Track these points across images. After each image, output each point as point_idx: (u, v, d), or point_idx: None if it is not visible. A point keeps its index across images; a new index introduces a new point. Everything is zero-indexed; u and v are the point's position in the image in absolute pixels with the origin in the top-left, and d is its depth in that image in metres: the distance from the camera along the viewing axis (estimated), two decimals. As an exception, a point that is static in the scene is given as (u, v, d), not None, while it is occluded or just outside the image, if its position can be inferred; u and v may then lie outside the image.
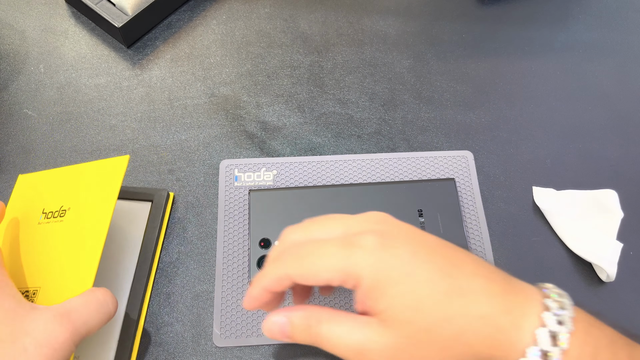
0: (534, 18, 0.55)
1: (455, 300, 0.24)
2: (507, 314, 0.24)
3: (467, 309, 0.24)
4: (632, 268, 0.41)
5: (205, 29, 0.52)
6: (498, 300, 0.25)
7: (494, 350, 0.24)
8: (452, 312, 0.24)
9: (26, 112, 0.47)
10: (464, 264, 0.26)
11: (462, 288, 0.25)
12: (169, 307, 0.39)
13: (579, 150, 0.47)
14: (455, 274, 0.25)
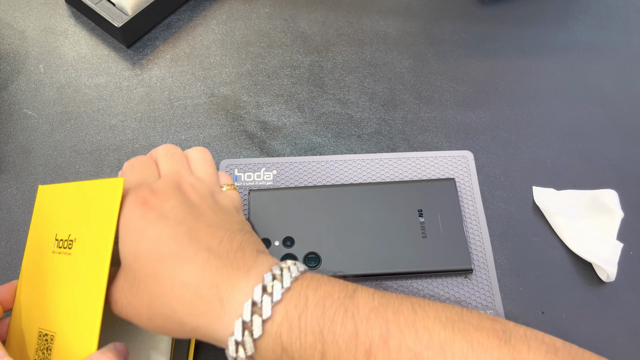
0: (534, 18, 0.55)
1: (167, 264, 0.27)
2: (213, 287, 0.27)
3: (174, 274, 0.27)
4: (633, 268, 0.41)
5: (205, 28, 0.52)
6: (210, 273, 0.27)
7: (197, 319, 0.27)
8: (161, 273, 0.27)
9: (26, 112, 0.47)
10: (207, 238, 0.28)
11: (181, 256, 0.27)
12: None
13: (579, 150, 0.47)
14: (186, 243, 0.28)
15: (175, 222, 0.28)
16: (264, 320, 0.26)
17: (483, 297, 0.39)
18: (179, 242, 0.28)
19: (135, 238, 0.28)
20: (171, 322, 0.27)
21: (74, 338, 0.29)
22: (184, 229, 0.28)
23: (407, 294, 0.32)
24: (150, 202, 0.29)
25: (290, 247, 0.40)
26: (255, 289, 0.26)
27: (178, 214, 0.29)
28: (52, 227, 0.33)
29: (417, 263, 0.39)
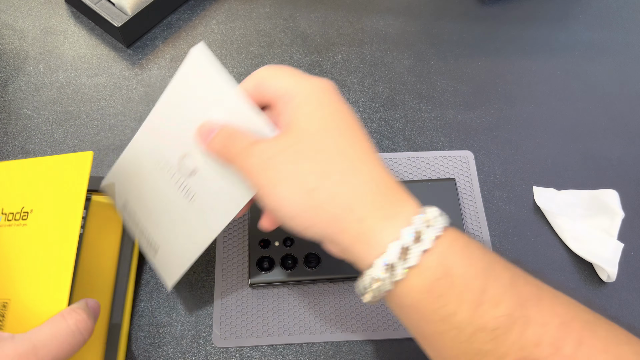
0: (535, 18, 0.54)
1: (359, 151, 0.27)
2: (391, 188, 0.27)
3: (367, 165, 0.27)
4: (633, 268, 0.41)
5: (205, 28, 0.52)
6: (389, 176, 0.27)
7: (371, 210, 0.26)
8: (351, 154, 0.27)
9: (25, 111, 0.47)
10: (370, 166, 0.27)
11: (369, 156, 0.27)
12: (168, 308, 0.39)
13: (579, 150, 0.47)
14: (357, 158, 0.27)
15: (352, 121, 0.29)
16: (409, 266, 0.25)
17: (483, 298, 0.39)
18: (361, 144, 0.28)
19: (326, 114, 0.28)
20: (337, 202, 0.26)
21: (35, 301, 0.30)
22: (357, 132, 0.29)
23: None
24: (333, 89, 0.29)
25: (290, 247, 0.40)
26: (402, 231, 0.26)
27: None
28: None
29: (417, 263, 0.39)
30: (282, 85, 0.29)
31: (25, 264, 0.31)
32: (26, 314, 0.30)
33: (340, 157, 0.27)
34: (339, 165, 0.26)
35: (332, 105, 0.29)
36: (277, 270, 0.39)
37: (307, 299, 0.39)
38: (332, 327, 0.38)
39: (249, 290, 0.39)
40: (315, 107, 0.28)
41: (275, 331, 0.38)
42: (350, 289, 0.39)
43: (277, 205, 0.27)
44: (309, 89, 0.28)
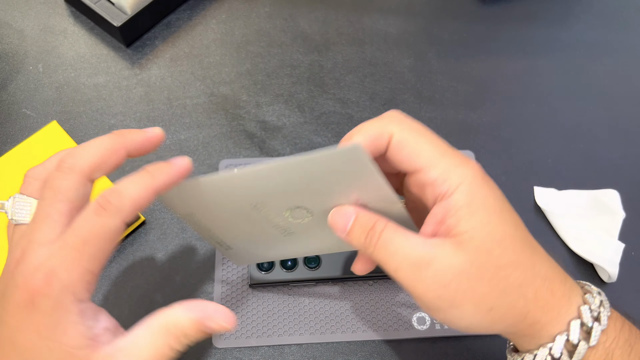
0: (536, 17, 0.54)
1: (528, 251, 0.26)
2: (564, 282, 0.26)
3: (535, 262, 0.26)
4: (634, 269, 0.41)
5: (205, 28, 0.52)
6: (559, 270, 0.27)
7: (542, 313, 0.25)
8: (524, 260, 0.25)
9: (25, 111, 0.47)
10: (540, 268, 0.26)
11: (534, 247, 0.26)
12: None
13: (580, 150, 0.47)
14: (531, 266, 0.26)
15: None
16: (602, 329, 0.25)
17: (484, 298, 0.39)
18: (526, 231, 0.27)
19: (497, 219, 0.25)
20: (512, 314, 0.25)
21: None
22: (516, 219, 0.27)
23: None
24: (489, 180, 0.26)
25: (290, 247, 0.40)
26: (572, 325, 0.25)
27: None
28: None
29: (417, 264, 0.39)
30: (427, 161, 0.26)
31: None
32: None
33: (518, 271, 0.25)
34: (516, 279, 0.25)
35: (505, 209, 0.26)
36: (277, 271, 0.39)
37: (307, 299, 0.39)
38: (332, 327, 0.38)
39: (249, 291, 0.39)
40: (490, 213, 0.25)
41: (276, 332, 0.37)
42: (351, 289, 0.39)
43: (449, 322, 0.26)
44: (471, 181, 0.25)
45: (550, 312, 0.25)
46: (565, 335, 0.25)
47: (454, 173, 0.25)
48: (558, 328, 0.25)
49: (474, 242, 0.24)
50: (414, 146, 0.27)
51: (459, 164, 0.26)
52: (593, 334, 0.25)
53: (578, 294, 0.26)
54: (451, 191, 0.25)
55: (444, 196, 0.25)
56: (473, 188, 0.25)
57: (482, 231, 0.25)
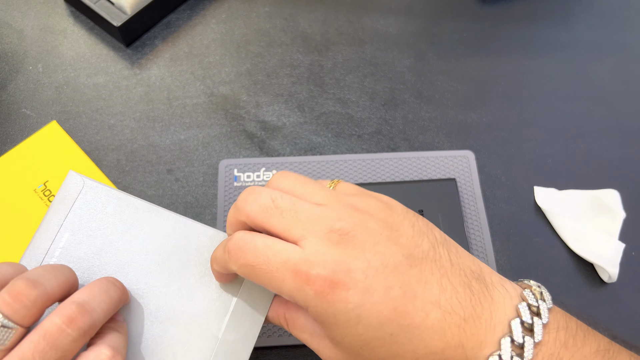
0: (536, 17, 0.54)
1: (403, 342, 0.24)
2: (458, 348, 0.24)
3: (415, 347, 0.24)
4: (634, 269, 0.41)
5: (205, 28, 0.52)
6: (452, 334, 0.24)
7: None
8: (399, 351, 0.24)
9: (25, 111, 0.47)
10: (426, 289, 0.24)
11: (414, 327, 0.23)
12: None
13: (580, 150, 0.46)
14: (410, 309, 0.24)
15: (383, 289, 0.24)
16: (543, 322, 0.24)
17: (484, 298, 0.39)
18: (400, 312, 0.23)
19: (353, 329, 0.24)
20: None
21: None
22: (396, 293, 0.24)
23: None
24: (342, 283, 0.24)
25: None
26: (502, 343, 0.23)
27: (375, 275, 0.24)
28: None
29: (417, 264, 0.39)
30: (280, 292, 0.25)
31: None
32: None
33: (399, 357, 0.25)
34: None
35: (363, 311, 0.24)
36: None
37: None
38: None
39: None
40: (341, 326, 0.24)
41: (276, 332, 0.37)
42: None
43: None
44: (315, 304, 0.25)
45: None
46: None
47: (302, 297, 0.24)
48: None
49: (342, 347, 0.25)
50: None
51: (300, 289, 0.24)
52: (535, 329, 0.24)
53: (486, 347, 0.24)
54: (305, 308, 0.25)
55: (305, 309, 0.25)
56: (322, 310, 0.24)
57: (344, 343, 0.25)
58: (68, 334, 0.23)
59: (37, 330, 0.22)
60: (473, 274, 0.25)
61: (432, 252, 0.25)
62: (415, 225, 0.26)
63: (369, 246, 0.24)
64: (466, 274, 0.25)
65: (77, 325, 0.23)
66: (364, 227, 0.25)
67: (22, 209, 0.40)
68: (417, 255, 0.25)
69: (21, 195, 0.41)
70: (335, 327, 0.24)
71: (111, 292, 0.26)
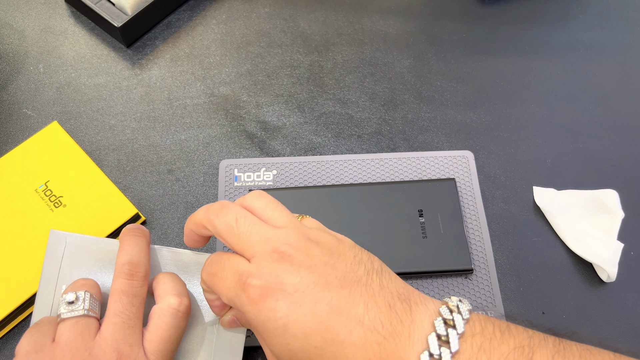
0: (535, 18, 0.54)
1: (327, 355, 0.25)
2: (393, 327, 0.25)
3: (337, 349, 0.25)
4: (633, 268, 0.41)
5: (205, 28, 0.52)
6: (374, 352, 0.25)
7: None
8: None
9: (25, 111, 0.47)
10: (352, 307, 0.26)
11: (337, 342, 0.25)
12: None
13: (579, 150, 0.47)
14: (334, 324, 0.25)
15: (310, 303, 0.26)
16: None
17: (483, 298, 0.39)
18: (324, 325, 0.25)
19: (281, 338, 0.26)
20: None
21: None
22: (322, 308, 0.26)
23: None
24: (273, 293, 0.26)
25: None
26: (421, 358, 0.25)
27: (305, 290, 0.26)
28: None
29: (417, 263, 0.39)
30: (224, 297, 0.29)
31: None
32: None
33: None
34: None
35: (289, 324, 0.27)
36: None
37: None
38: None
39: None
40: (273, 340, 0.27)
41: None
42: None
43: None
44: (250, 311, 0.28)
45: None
46: (427, 352, 0.25)
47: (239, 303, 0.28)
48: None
49: (276, 355, 0.27)
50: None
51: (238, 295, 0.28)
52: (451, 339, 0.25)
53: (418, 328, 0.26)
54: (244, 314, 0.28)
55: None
56: (255, 315, 0.27)
57: (275, 352, 0.27)
58: (135, 284, 0.31)
59: (114, 292, 0.30)
60: (400, 296, 0.27)
61: (365, 278, 0.27)
62: (356, 256, 0.28)
63: (305, 266, 0.27)
64: (393, 296, 0.27)
65: (137, 275, 0.31)
66: (306, 252, 0.27)
67: (23, 209, 0.40)
68: (350, 278, 0.27)
69: (22, 196, 0.41)
70: (266, 335, 0.27)
71: (139, 241, 0.33)
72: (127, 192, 0.43)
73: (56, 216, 0.40)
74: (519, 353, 0.25)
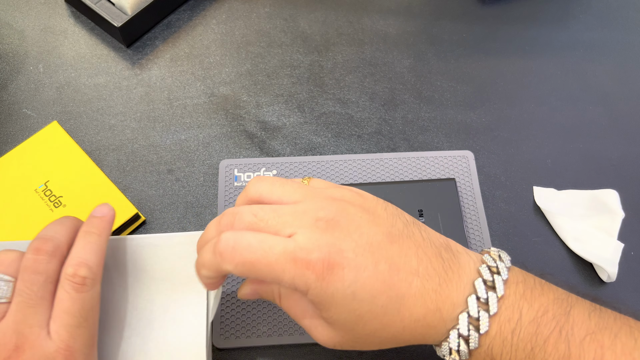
0: (535, 17, 0.54)
1: (391, 312, 0.26)
2: (437, 312, 0.27)
3: (402, 316, 0.26)
4: (633, 268, 0.41)
5: (205, 28, 0.52)
6: (431, 300, 0.27)
7: (425, 339, 0.28)
8: (389, 321, 0.27)
9: (25, 111, 0.47)
10: (406, 261, 0.27)
11: (399, 297, 0.26)
12: (168, 308, 0.39)
13: (579, 150, 0.47)
14: (395, 281, 0.26)
15: (372, 264, 0.26)
16: (480, 334, 0.26)
17: (483, 298, 0.39)
18: (388, 284, 0.26)
19: (349, 305, 0.26)
20: (398, 344, 0.28)
21: None
22: (383, 267, 0.26)
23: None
24: (338, 263, 0.26)
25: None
26: (469, 302, 0.26)
27: (363, 253, 0.26)
28: None
29: (417, 263, 0.39)
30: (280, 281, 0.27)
31: None
32: None
33: (386, 331, 0.27)
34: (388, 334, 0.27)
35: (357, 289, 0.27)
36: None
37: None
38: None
39: (249, 291, 0.39)
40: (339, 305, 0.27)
41: (276, 331, 0.38)
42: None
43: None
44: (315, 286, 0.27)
45: (431, 338, 0.27)
46: (449, 344, 0.27)
47: (300, 282, 0.26)
48: (442, 340, 0.27)
49: (338, 325, 0.27)
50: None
51: (301, 274, 0.26)
52: (497, 285, 0.27)
53: (457, 309, 0.27)
54: (304, 291, 0.27)
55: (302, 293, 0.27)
56: (321, 290, 0.26)
57: (340, 319, 0.27)
58: (40, 259, 0.28)
59: (21, 269, 0.28)
60: (442, 246, 0.28)
61: (406, 230, 0.28)
62: (387, 209, 0.29)
63: (353, 228, 0.27)
64: (436, 246, 0.28)
65: (43, 250, 0.28)
66: (345, 213, 0.27)
67: (23, 209, 0.40)
68: (395, 233, 0.27)
69: (22, 196, 0.41)
70: (332, 307, 0.26)
71: (65, 221, 0.31)
72: (127, 192, 0.43)
73: (56, 216, 0.40)
74: (558, 305, 0.26)
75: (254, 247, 0.26)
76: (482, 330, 0.26)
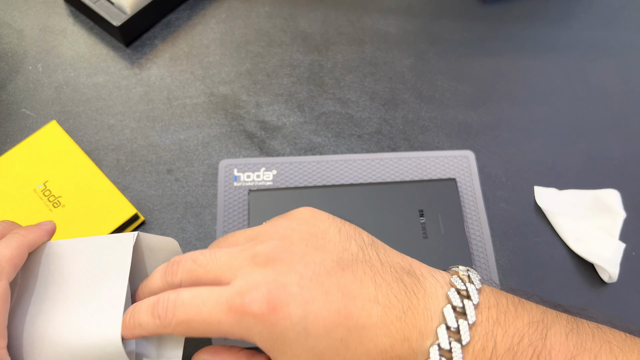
0: (536, 17, 0.54)
1: (354, 345, 0.24)
2: (405, 342, 0.24)
3: (366, 348, 0.24)
4: (635, 269, 0.41)
5: (205, 27, 0.52)
6: (397, 329, 0.24)
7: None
8: (353, 356, 0.24)
9: (24, 111, 0.47)
10: (362, 288, 0.24)
11: (359, 327, 0.24)
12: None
13: (581, 149, 0.46)
14: (352, 309, 0.24)
15: (321, 295, 0.24)
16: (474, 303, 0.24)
17: (484, 298, 0.39)
18: (343, 315, 0.24)
19: (304, 343, 0.24)
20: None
21: None
22: (335, 296, 0.24)
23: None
24: (280, 300, 0.24)
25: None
26: (439, 333, 0.24)
27: (309, 285, 0.24)
28: None
29: (417, 264, 0.39)
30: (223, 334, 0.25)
31: None
32: None
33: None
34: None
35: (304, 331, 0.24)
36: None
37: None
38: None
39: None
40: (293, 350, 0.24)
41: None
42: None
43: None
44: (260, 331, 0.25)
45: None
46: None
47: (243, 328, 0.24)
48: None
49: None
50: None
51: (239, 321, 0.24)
52: (468, 312, 0.24)
53: (428, 338, 0.25)
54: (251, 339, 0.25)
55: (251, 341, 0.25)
56: (267, 333, 0.24)
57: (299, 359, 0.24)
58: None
59: None
60: (403, 270, 0.26)
61: (361, 254, 0.26)
62: (341, 230, 0.27)
63: (297, 259, 0.25)
64: (397, 270, 0.26)
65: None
66: (287, 243, 0.25)
67: (22, 209, 0.40)
68: (347, 258, 0.25)
69: (21, 195, 0.41)
70: (286, 348, 0.24)
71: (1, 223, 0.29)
72: (126, 192, 0.43)
73: (55, 216, 0.40)
74: (534, 329, 0.24)
75: (187, 305, 0.24)
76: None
